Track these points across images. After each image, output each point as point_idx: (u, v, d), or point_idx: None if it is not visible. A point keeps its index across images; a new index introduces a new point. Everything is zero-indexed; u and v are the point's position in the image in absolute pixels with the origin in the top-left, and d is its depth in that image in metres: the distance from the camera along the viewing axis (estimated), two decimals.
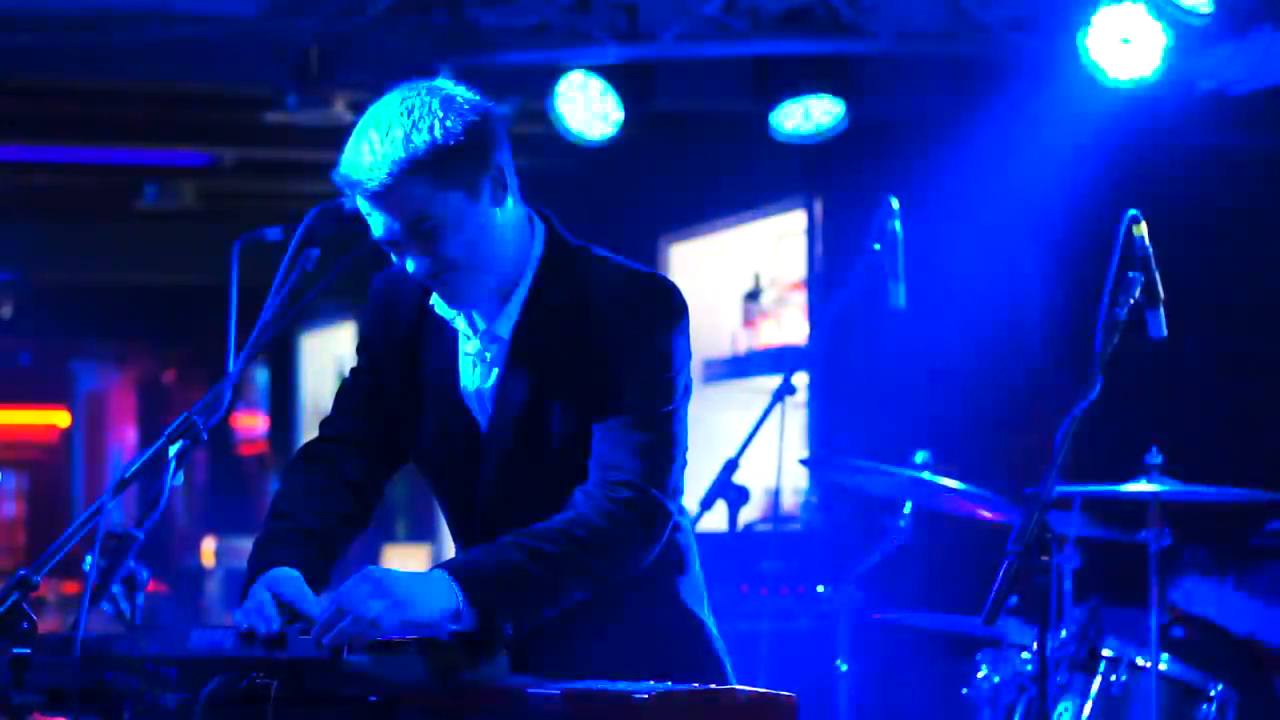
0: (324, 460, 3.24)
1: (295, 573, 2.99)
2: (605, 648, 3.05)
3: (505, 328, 3.12)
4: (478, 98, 3.07)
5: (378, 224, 3.02)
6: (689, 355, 3.13)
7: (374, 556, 11.59)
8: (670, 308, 3.11)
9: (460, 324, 3.16)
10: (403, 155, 2.95)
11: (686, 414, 3.13)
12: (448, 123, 2.98)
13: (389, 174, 2.96)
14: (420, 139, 2.95)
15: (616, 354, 3.05)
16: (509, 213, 3.10)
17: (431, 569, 2.89)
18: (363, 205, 3.02)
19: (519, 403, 3.10)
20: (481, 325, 3.14)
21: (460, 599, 2.84)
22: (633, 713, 2.65)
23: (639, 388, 3.04)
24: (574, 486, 3.05)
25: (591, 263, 3.14)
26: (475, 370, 3.16)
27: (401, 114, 2.99)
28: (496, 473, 3.13)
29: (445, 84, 3.08)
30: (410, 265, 3.05)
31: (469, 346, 3.16)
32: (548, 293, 3.11)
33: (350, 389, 3.30)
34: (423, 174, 2.96)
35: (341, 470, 3.22)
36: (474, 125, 3.01)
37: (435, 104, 3.00)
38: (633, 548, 3.02)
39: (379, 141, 2.97)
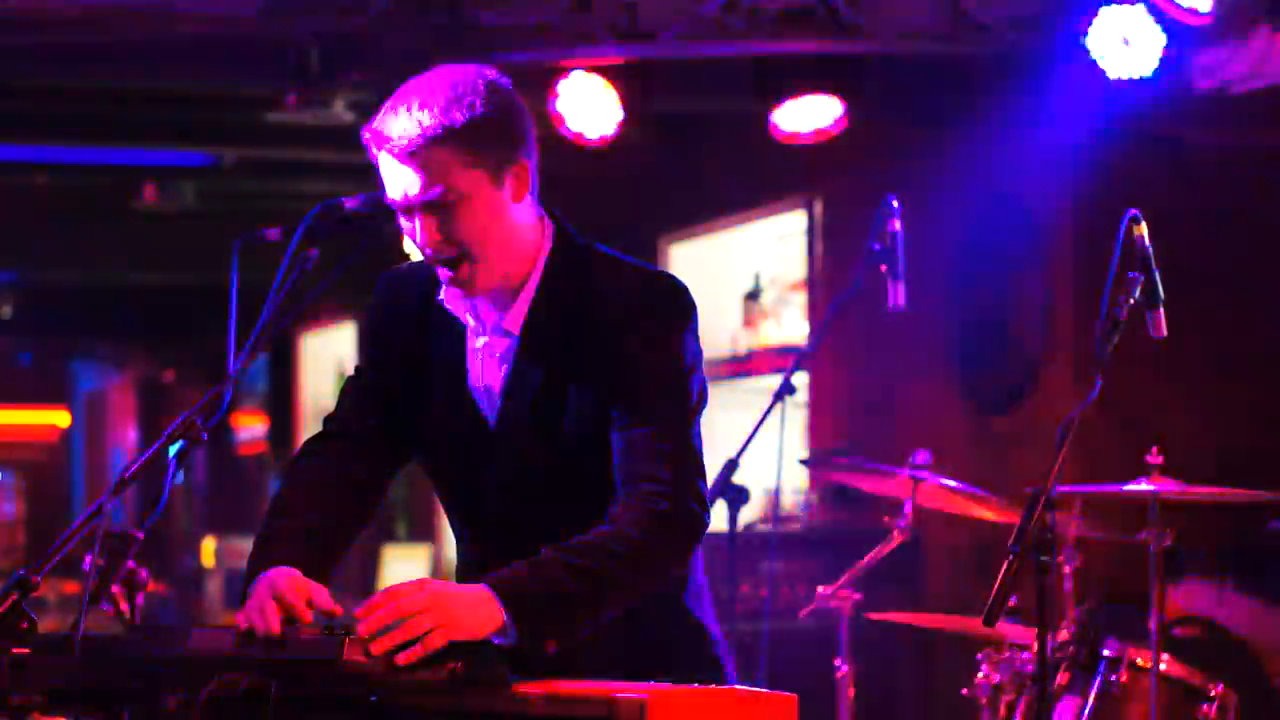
0: (326, 457, 3.23)
1: (296, 572, 2.98)
2: (604, 651, 3.04)
3: (515, 323, 3.12)
4: (515, 95, 3.10)
5: (397, 186, 3.01)
6: (701, 355, 3.12)
7: (374, 556, 11.60)
8: (679, 308, 3.10)
9: (469, 320, 3.16)
10: (440, 121, 2.97)
11: (702, 415, 3.12)
12: (487, 105, 3.00)
13: (422, 136, 2.97)
14: (460, 113, 2.98)
15: (630, 358, 3.03)
16: (524, 210, 3.10)
17: (477, 584, 2.87)
18: (386, 165, 3.02)
19: (528, 399, 3.09)
20: (490, 320, 3.14)
21: (505, 617, 2.83)
22: (632, 713, 2.64)
23: (657, 393, 3.03)
24: (583, 482, 3.04)
25: (599, 261, 3.14)
26: (483, 366, 3.16)
27: (444, 87, 3.01)
28: (506, 469, 3.12)
29: (491, 72, 3.09)
30: (419, 236, 3.04)
31: (477, 342, 3.16)
32: (557, 290, 3.11)
33: (354, 386, 3.29)
34: (453, 145, 2.98)
35: (344, 468, 3.21)
36: (510, 117, 3.05)
37: (478, 85, 3.02)
38: (671, 559, 3.01)
39: (418, 104, 2.99)
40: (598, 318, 3.07)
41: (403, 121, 2.98)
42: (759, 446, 5.24)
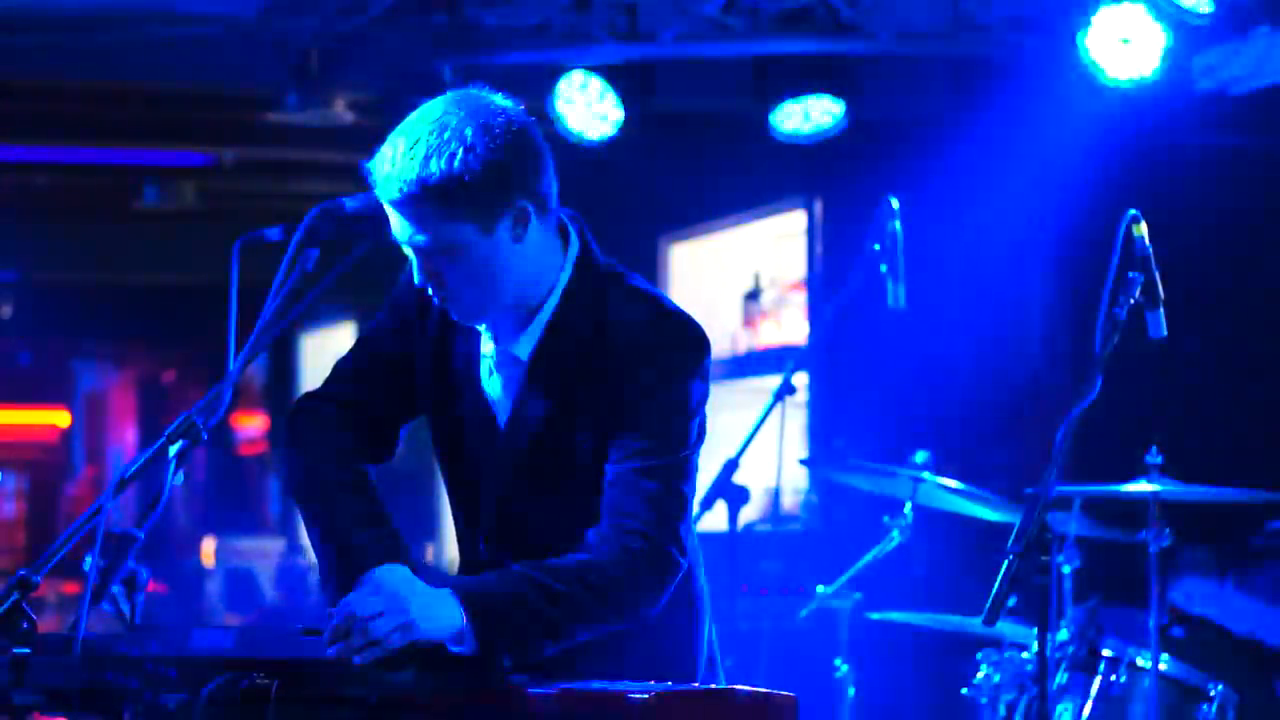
0: (331, 419, 3.20)
1: (408, 571, 2.95)
2: (596, 662, 3.02)
3: (525, 350, 3.09)
4: (522, 126, 2.98)
5: (393, 226, 3.00)
6: (706, 397, 3.09)
7: None
8: (691, 349, 3.06)
9: (482, 327, 3.14)
10: (416, 176, 2.90)
11: (699, 457, 3.11)
12: (470, 156, 2.91)
13: (400, 190, 2.92)
14: (438, 165, 2.90)
15: (634, 396, 3.01)
16: (531, 246, 3.03)
17: (443, 587, 2.88)
18: (385, 205, 2.99)
19: (532, 424, 3.08)
20: (503, 342, 3.11)
21: (465, 623, 2.83)
22: (632, 713, 2.65)
23: (655, 434, 3.01)
24: (576, 501, 3.03)
25: (618, 292, 3.09)
26: (492, 377, 3.14)
27: (434, 130, 2.92)
28: (506, 473, 3.12)
29: (495, 103, 2.98)
30: (415, 274, 3.04)
31: (486, 348, 3.15)
32: (570, 320, 3.07)
33: (367, 353, 3.25)
34: (432, 200, 2.92)
35: (350, 429, 3.19)
36: (500, 162, 2.93)
37: (469, 130, 2.92)
38: (641, 598, 2.99)
39: (403, 153, 2.91)
40: (609, 352, 3.03)
41: (387, 171, 2.93)
42: (759, 446, 5.24)
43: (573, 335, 3.06)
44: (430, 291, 3.05)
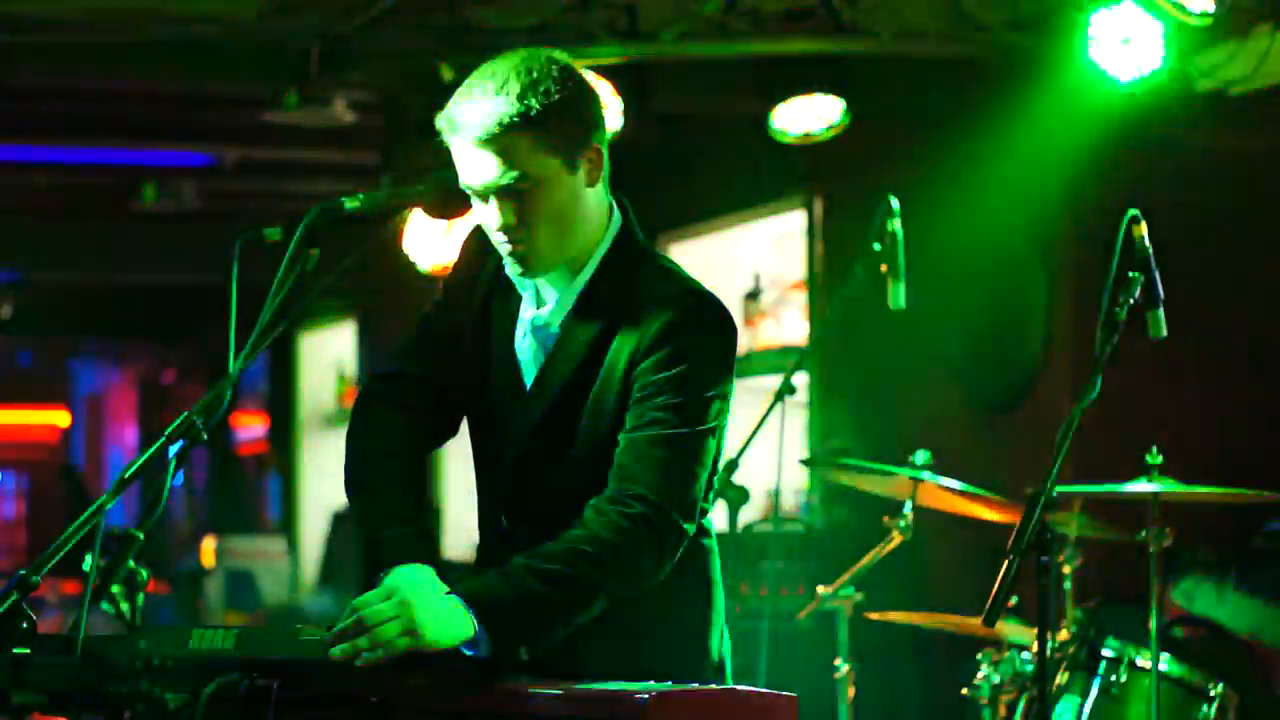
0: (391, 400, 3.24)
1: (430, 573, 2.97)
2: (603, 663, 3.02)
3: (558, 316, 3.15)
4: (590, 80, 3.13)
5: (473, 172, 3.05)
6: (730, 377, 3.12)
7: None
8: (716, 333, 3.10)
9: (527, 290, 3.18)
10: (516, 109, 3.00)
11: (723, 434, 3.12)
12: (563, 90, 3.04)
13: (498, 124, 3.00)
14: (535, 98, 3.00)
15: (655, 369, 3.05)
16: (596, 195, 3.15)
17: (449, 594, 2.89)
18: (461, 150, 3.05)
19: (556, 388, 3.12)
20: (545, 300, 3.16)
21: (477, 628, 2.84)
22: (634, 713, 2.65)
23: (671, 405, 3.03)
24: (596, 473, 3.05)
25: (652, 271, 3.16)
26: (525, 340, 3.18)
27: (521, 71, 3.03)
28: (525, 434, 3.14)
29: (565, 56, 3.12)
30: (497, 218, 3.07)
31: (526, 312, 3.19)
32: (603, 291, 3.13)
33: (427, 328, 3.31)
34: (530, 131, 3.01)
35: (409, 412, 3.24)
36: (585, 98, 3.09)
37: (554, 70, 3.05)
38: (643, 564, 3.00)
39: (494, 91, 3.01)
40: (636, 325, 3.08)
41: (479, 108, 3.01)
42: (759, 446, 5.24)
43: (603, 305, 3.12)
44: (505, 238, 3.08)
